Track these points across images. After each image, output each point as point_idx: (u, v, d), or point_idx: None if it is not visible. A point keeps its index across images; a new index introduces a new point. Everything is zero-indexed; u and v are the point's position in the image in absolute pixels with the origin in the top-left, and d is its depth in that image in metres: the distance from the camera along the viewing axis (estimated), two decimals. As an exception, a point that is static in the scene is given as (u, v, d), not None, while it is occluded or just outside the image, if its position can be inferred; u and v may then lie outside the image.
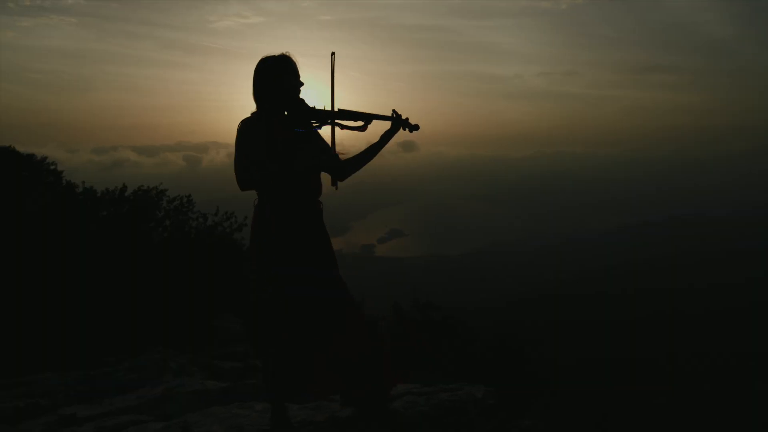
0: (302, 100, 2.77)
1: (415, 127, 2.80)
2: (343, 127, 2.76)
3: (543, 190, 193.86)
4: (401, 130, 2.83)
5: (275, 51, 2.75)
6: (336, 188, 2.78)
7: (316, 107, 2.75)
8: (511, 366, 8.74)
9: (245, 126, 2.68)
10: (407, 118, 2.80)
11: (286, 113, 2.77)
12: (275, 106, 2.74)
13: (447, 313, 10.51)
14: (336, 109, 2.73)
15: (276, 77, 2.71)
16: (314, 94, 2.86)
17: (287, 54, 2.75)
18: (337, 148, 2.80)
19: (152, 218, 8.44)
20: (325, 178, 2.88)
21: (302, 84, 2.79)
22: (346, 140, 2.87)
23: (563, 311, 51.85)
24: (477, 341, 9.84)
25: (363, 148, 2.90)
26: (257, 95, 2.74)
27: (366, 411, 2.87)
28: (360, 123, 2.75)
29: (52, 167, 9.02)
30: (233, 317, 7.15)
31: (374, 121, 2.78)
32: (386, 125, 2.83)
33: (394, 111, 2.81)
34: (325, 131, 2.81)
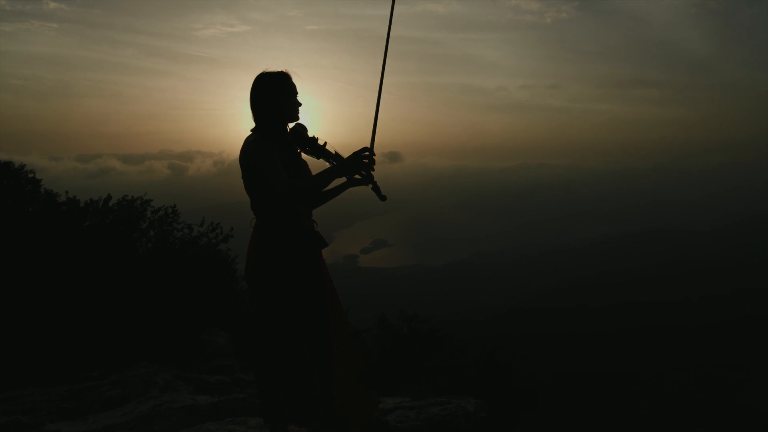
0: (304, 128, 2.77)
1: (383, 198, 2.88)
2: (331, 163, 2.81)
3: (527, 200, 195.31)
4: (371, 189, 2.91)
5: (260, 60, 2.73)
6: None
7: (317, 138, 2.77)
8: (498, 380, 8.72)
9: (258, 145, 2.61)
10: (380, 188, 2.89)
11: (287, 131, 2.76)
12: (274, 123, 2.70)
13: (433, 325, 10.47)
14: (334, 152, 2.78)
15: (275, 94, 2.66)
16: (306, 105, 2.85)
17: (286, 71, 2.73)
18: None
19: (136, 229, 8.31)
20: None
21: (300, 104, 2.76)
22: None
23: (547, 322, 52.08)
24: (465, 354, 9.81)
25: None
26: (256, 111, 2.70)
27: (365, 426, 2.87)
28: None
29: (30, 175, 8.80)
30: (219, 330, 7.05)
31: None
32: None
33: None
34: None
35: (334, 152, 2.78)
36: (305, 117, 2.81)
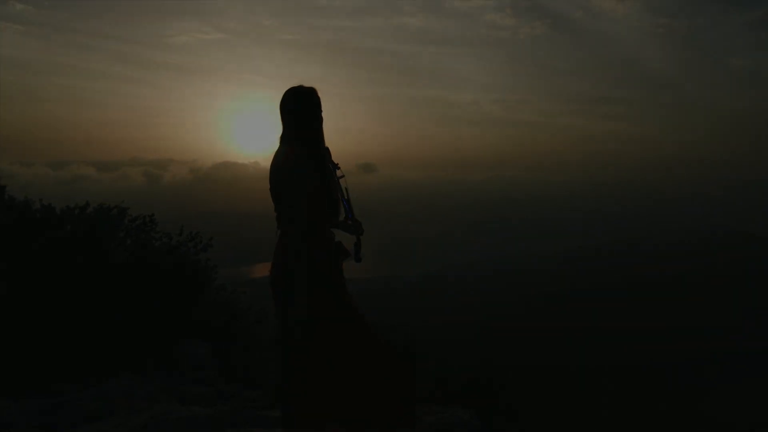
0: (329, 151, 2.83)
1: (358, 259, 2.96)
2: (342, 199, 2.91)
3: (499, 212, 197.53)
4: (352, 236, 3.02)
5: (234, 68, 2.79)
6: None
7: (339, 167, 2.85)
8: (480, 392, 8.68)
9: (296, 163, 2.64)
10: (360, 249, 2.98)
11: (323, 141, 2.81)
12: (315, 133, 2.77)
13: (408, 336, 10.45)
14: (345, 187, 2.90)
15: (319, 107, 2.74)
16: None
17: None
18: None
19: (114, 238, 8.11)
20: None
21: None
22: None
23: (520, 335, 52.41)
24: (445, 366, 9.80)
25: None
26: (298, 122, 2.72)
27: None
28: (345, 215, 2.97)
29: (-5, 182, 8.42)
30: (200, 341, 6.91)
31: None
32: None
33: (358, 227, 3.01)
34: None
35: (345, 188, 2.88)
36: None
